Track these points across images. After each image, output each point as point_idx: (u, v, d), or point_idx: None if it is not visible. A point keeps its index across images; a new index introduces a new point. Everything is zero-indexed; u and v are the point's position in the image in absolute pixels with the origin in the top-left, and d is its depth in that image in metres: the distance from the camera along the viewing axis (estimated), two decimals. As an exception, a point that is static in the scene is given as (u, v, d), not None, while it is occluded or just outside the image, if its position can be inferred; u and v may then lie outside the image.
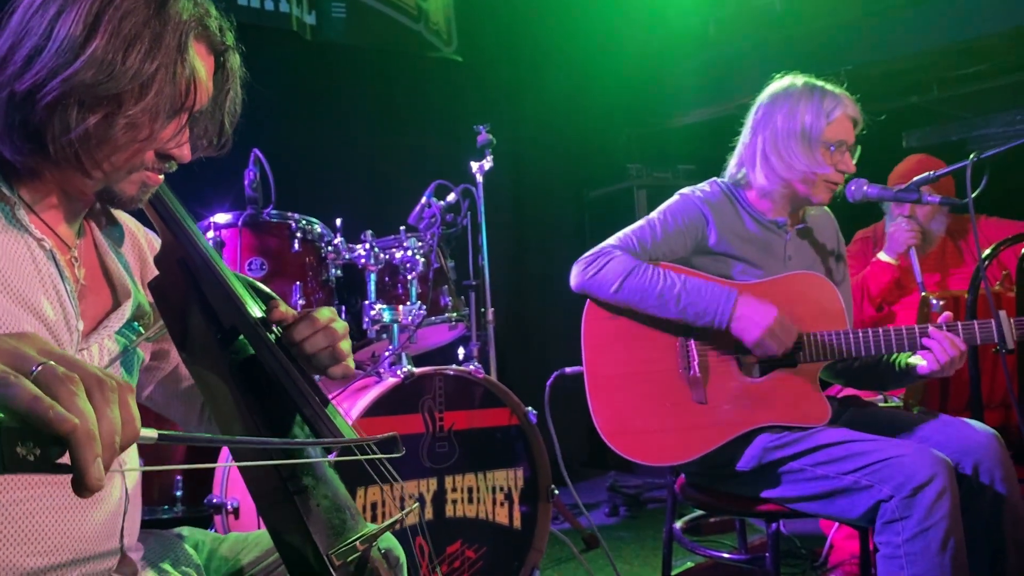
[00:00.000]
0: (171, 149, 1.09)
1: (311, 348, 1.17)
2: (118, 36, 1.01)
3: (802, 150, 2.07)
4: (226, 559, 1.32)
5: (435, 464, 2.35)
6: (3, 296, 1.01)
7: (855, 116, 2.12)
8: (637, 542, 3.34)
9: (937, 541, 1.74)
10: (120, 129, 1.02)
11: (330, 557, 1.07)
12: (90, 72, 0.99)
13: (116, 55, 1.00)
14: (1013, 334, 1.92)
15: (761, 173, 2.12)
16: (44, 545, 1.02)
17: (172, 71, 1.04)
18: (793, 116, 2.08)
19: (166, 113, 1.05)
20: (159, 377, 1.34)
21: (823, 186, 2.09)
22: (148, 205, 1.19)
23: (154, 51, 1.02)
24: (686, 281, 1.99)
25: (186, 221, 1.20)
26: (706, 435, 2.00)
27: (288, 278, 2.48)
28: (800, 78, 2.16)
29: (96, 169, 1.05)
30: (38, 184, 1.08)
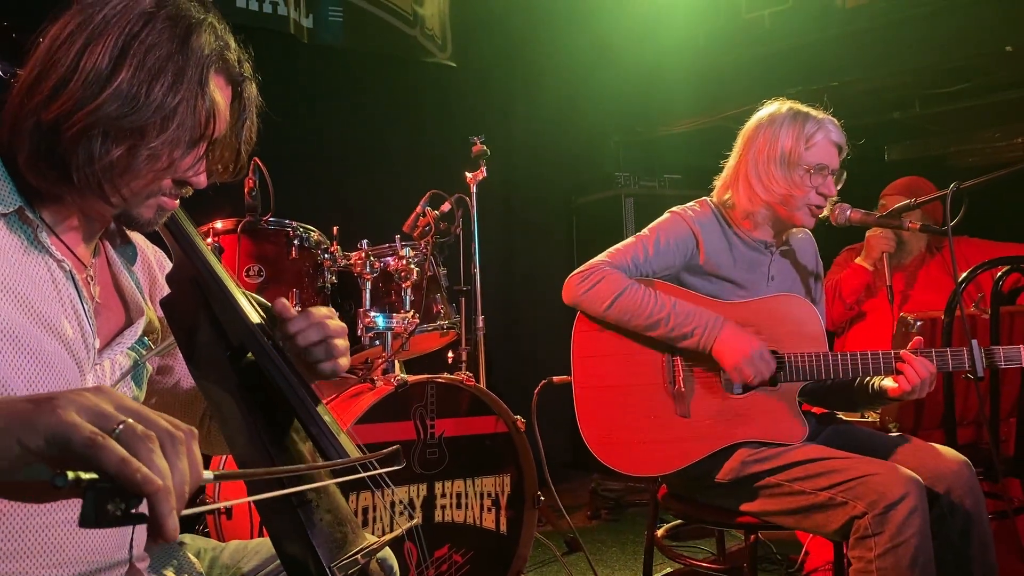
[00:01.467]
0: (189, 177, 1.14)
1: (303, 341, 1.21)
2: (143, 69, 1.04)
3: (781, 173, 2.13)
4: (227, 567, 1.36)
5: (426, 470, 2.41)
6: (25, 317, 1.05)
7: (838, 142, 2.18)
8: (618, 546, 3.41)
9: (907, 557, 1.81)
10: (143, 160, 1.06)
11: (332, 570, 1.11)
12: (115, 105, 1.03)
13: (141, 88, 1.04)
14: (983, 363, 1.99)
15: (744, 195, 2.19)
16: (57, 557, 1.06)
17: (193, 104, 1.07)
18: (775, 141, 2.15)
19: (186, 143, 1.09)
20: (160, 390, 1.38)
21: (805, 209, 2.15)
22: (163, 227, 1.23)
23: (177, 85, 1.06)
24: (676, 304, 2.06)
25: (196, 240, 1.24)
26: (688, 448, 2.07)
27: (285, 284, 2.53)
28: (786, 104, 2.22)
29: (116, 196, 1.09)
30: (59, 207, 1.12)
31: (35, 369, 1.05)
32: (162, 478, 0.66)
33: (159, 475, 0.66)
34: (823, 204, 2.17)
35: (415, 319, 2.54)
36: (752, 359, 2.01)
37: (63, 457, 0.66)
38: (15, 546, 1.03)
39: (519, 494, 2.54)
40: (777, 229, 2.24)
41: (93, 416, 0.68)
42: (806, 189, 2.13)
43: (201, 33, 1.10)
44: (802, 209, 2.15)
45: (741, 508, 2.07)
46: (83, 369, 1.13)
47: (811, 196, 2.14)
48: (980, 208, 3.92)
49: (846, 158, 2.22)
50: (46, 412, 0.68)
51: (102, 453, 0.65)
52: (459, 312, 2.95)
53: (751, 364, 2.01)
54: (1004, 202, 4.13)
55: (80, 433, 0.66)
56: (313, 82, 3.91)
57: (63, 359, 1.09)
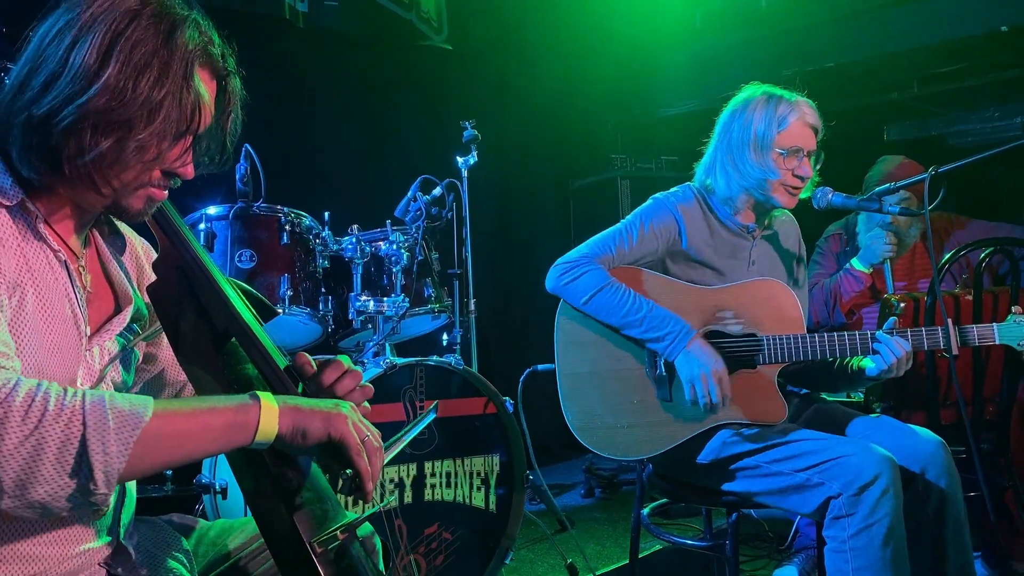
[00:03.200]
0: (176, 167, 1.17)
1: (342, 391, 1.27)
2: (129, 64, 1.08)
3: (754, 157, 2.15)
4: (214, 543, 1.42)
5: (415, 450, 2.46)
6: (36, 302, 1.11)
7: (813, 123, 2.17)
8: (610, 523, 3.48)
9: (880, 536, 1.86)
10: (131, 151, 1.10)
11: (312, 545, 1.16)
12: (103, 99, 1.07)
13: (128, 83, 1.08)
14: (956, 341, 2.03)
15: (723, 181, 2.22)
16: (53, 535, 1.12)
17: (179, 97, 1.11)
18: (747, 125, 2.17)
19: (173, 135, 1.13)
20: (146, 379, 1.43)
21: (781, 190, 2.17)
22: (150, 217, 1.27)
23: (163, 78, 1.10)
24: (652, 308, 2.10)
25: (183, 230, 1.29)
26: (671, 431, 2.12)
27: (277, 270, 2.57)
28: (761, 87, 2.23)
29: (107, 187, 1.13)
30: (53, 199, 1.16)
31: (39, 353, 1.11)
32: (374, 480, 1.14)
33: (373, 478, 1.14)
34: (800, 185, 2.18)
35: (405, 303, 2.58)
36: (707, 376, 2.03)
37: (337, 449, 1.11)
38: (6, 525, 1.09)
39: (508, 474, 2.59)
40: (758, 212, 2.27)
41: (357, 429, 1.13)
42: (781, 172, 2.15)
43: (185, 29, 1.13)
44: (779, 191, 2.17)
45: (723, 489, 2.11)
46: (78, 355, 1.18)
47: (787, 178, 2.15)
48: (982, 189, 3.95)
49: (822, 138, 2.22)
50: (341, 420, 1.12)
51: (359, 463, 1.12)
52: (451, 296, 2.99)
53: (706, 381, 2.04)
54: (1004, 183, 4.16)
55: (353, 442, 1.12)
56: (306, 67, 3.93)
57: (62, 344, 1.14)
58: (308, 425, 1.09)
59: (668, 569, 2.95)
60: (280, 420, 1.07)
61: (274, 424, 1.07)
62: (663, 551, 2.95)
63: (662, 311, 2.10)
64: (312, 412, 1.10)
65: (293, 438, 1.08)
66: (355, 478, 1.12)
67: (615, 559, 2.89)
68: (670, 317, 2.09)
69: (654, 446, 2.12)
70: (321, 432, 1.09)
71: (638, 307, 2.10)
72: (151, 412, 1.01)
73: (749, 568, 3.09)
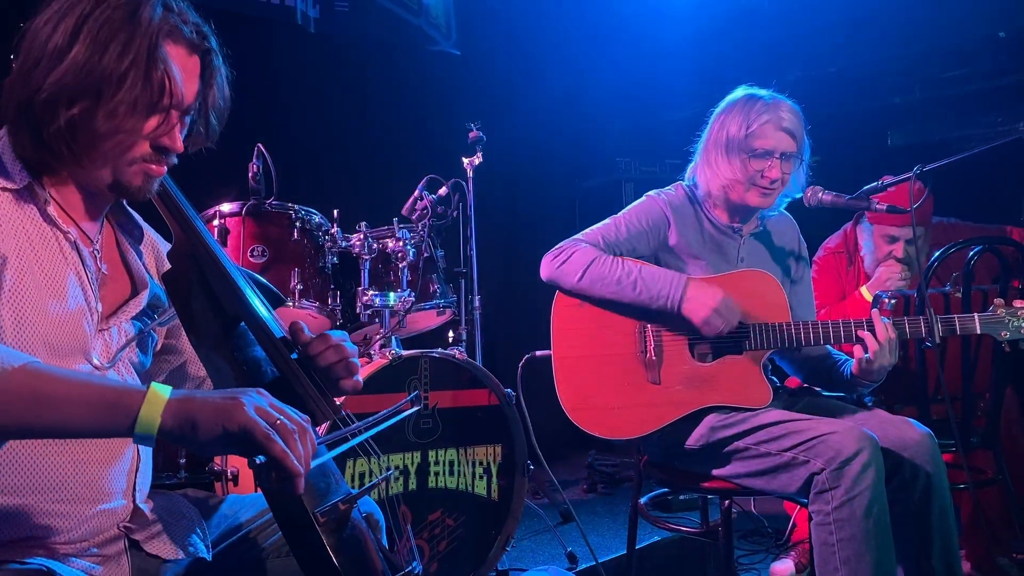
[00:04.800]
0: (163, 140, 1.25)
1: (323, 361, 1.34)
2: (96, 42, 1.18)
3: (725, 159, 2.23)
4: (226, 516, 1.50)
5: (420, 439, 2.54)
6: (38, 283, 1.20)
7: (789, 127, 2.21)
8: (611, 516, 3.55)
9: (862, 508, 1.92)
10: (101, 120, 1.19)
11: (316, 515, 1.23)
12: (72, 74, 1.18)
13: (93, 57, 1.18)
14: (939, 330, 2.10)
15: (703, 179, 2.31)
16: (67, 493, 1.21)
17: (143, 68, 1.19)
18: (723, 127, 2.25)
19: (145, 107, 1.21)
20: (168, 371, 1.52)
21: (753, 190, 2.23)
22: (163, 207, 1.35)
23: (126, 52, 1.19)
24: (642, 269, 2.18)
25: (196, 221, 1.38)
26: (659, 412, 2.19)
27: (287, 264, 2.65)
28: (746, 90, 2.29)
29: (87, 158, 1.22)
30: (60, 182, 1.26)
31: (48, 328, 1.20)
32: (300, 461, 1.04)
33: (299, 459, 1.04)
34: (769, 187, 2.22)
35: (411, 297, 2.67)
36: (719, 310, 2.12)
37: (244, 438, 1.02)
38: (28, 481, 1.18)
39: (510, 463, 2.67)
40: (741, 212, 2.33)
41: (263, 414, 1.04)
42: (750, 173, 2.21)
43: (149, 7, 1.22)
44: (750, 191, 2.23)
45: (713, 473, 2.19)
46: (90, 333, 1.27)
47: (757, 179, 2.21)
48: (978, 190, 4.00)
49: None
50: (239, 409, 1.03)
51: (272, 446, 1.02)
52: (456, 292, 3.08)
53: (719, 315, 2.12)
54: (1000, 186, 4.21)
55: (259, 429, 1.02)
56: (318, 70, 4.02)
57: (73, 321, 1.23)
58: (197, 417, 1.02)
59: (666, 559, 3.01)
60: (165, 410, 1.02)
61: (157, 414, 1.02)
62: (662, 542, 3.02)
63: (651, 269, 2.18)
64: (204, 404, 1.03)
65: (182, 431, 1.03)
66: (274, 464, 1.02)
67: (615, 550, 2.96)
68: (660, 273, 2.17)
69: (643, 427, 2.20)
70: (213, 425, 1.02)
71: (628, 271, 2.17)
72: (19, 364, 1.02)
73: (748, 562, 3.16)
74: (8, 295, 1.17)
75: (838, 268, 3.14)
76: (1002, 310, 2.11)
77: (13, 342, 1.16)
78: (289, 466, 1.02)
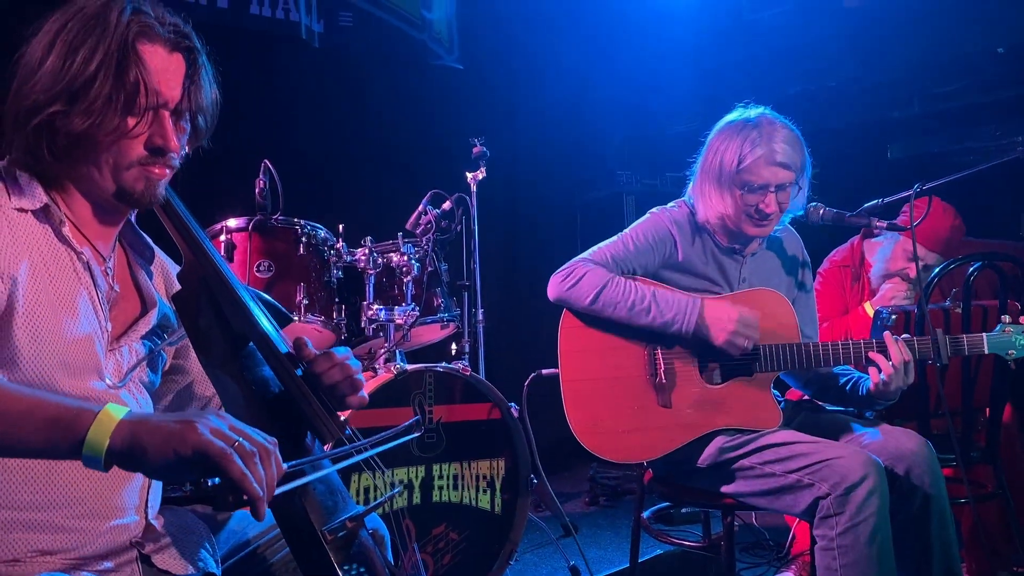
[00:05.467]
0: (155, 140, 1.26)
1: (328, 380, 1.35)
2: (68, 49, 1.22)
3: (716, 191, 2.21)
4: (234, 532, 1.52)
5: (424, 453, 2.57)
6: (53, 302, 1.23)
7: (785, 160, 2.16)
8: (612, 529, 3.56)
9: (866, 535, 1.95)
10: (77, 119, 1.21)
11: (323, 533, 1.26)
12: (46, 80, 1.22)
13: (64, 63, 1.22)
14: (948, 350, 2.12)
15: (700, 205, 2.29)
16: (82, 509, 1.24)
17: (115, 68, 1.22)
18: (716, 156, 2.21)
19: (123, 107, 1.22)
20: (176, 390, 1.54)
21: (748, 221, 2.21)
22: (173, 229, 1.38)
23: (94, 54, 1.21)
24: (655, 293, 2.18)
25: (205, 243, 1.40)
26: (669, 436, 2.20)
27: (293, 279, 2.67)
28: (743, 113, 2.25)
29: (70, 158, 1.24)
30: (70, 197, 1.29)
31: (63, 348, 1.23)
32: (260, 485, 0.99)
33: (259, 483, 0.99)
34: (764, 220, 2.20)
35: (415, 312, 2.69)
36: (738, 331, 2.12)
37: (200, 461, 0.97)
38: (45, 497, 1.21)
39: (513, 477, 2.69)
40: (740, 238, 2.31)
41: (219, 435, 0.99)
42: (742, 207, 2.19)
43: (116, 11, 1.24)
44: (745, 223, 2.22)
45: (719, 490, 2.20)
46: (102, 352, 1.29)
47: (751, 212, 2.19)
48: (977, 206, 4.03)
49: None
50: (192, 432, 0.98)
51: (230, 467, 0.97)
52: (459, 306, 3.10)
53: (739, 335, 2.13)
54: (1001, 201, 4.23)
55: (214, 449, 0.97)
56: (322, 86, 4.04)
57: (84, 340, 1.26)
58: (147, 440, 0.99)
59: (669, 572, 3.03)
60: (115, 432, 0.99)
61: (105, 436, 0.99)
62: (664, 556, 3.03)
63: (665, 294, 2.18)
64: (156, 427, 1.00)
65: (131, 454, 0.99)
66: (231, 487, 0.97)
67: (617, 563, 2.97)
68: (674, 297, 2.17)
69: (654, 450, 2.21)
70: (164, 448, 0.98)
71: (642, 296, 2.17)
72: None
73: (749, 575, 3.17)
74: (24, 316, 1.19)
75: (843, 282, 3.14)
76: (1010, 328, 2.13)
77: (30, 362, 1.19)
78: (247, 488, 0.97)
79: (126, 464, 1.00)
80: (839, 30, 4.41)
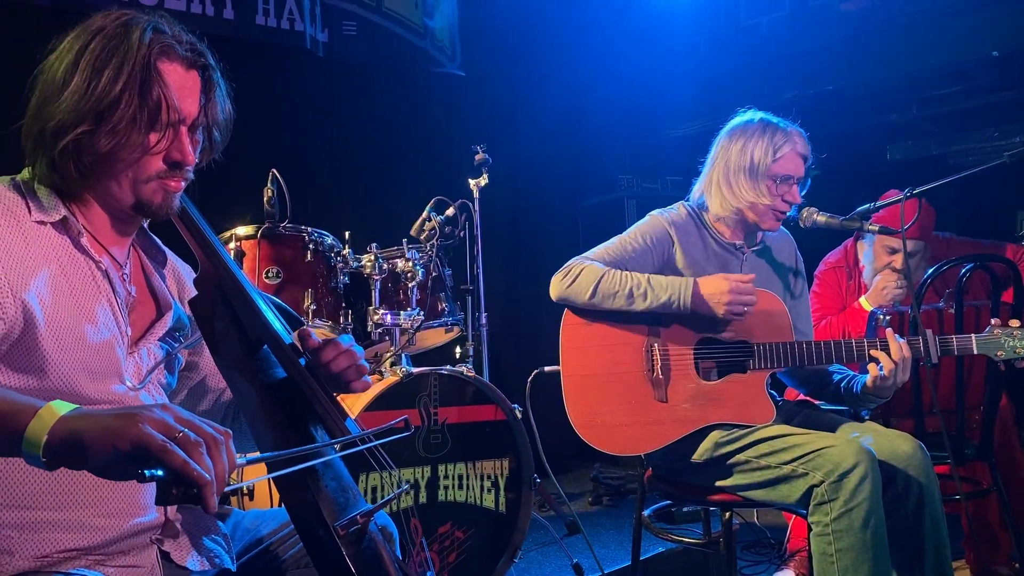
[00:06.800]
0: (174, 155, 1.32)
1: (336, 368, 1.41)
2: (93, 70, 1.26)
3: (749, 183, 2.31)
4: (248, 530, 1.57)
5: (429, 454, 2.63)
6: (73, 311, 1.28)
7: (804, 153, 2.34)
8: (615, 528, 3.62)
9: (860, 519, 2.00)
10: (102, 139, 1.26)
11: (336, 528, 1.30)
12: (72, 100, 1.26)
13: (89, 83, 1.26)
14: (937, 350, 2.17)
15: (716, 200, 2.38)
16: (106, 507, 1.29)
17: (138, 87, 1.27)
18: (744, 151, 2.33)
19: (146, 124, 1.28)
20: (189, 386, 1.60)
21: (770, 214, 2.34)
22: (189, 235, 1.44)
23: (119, 74, 1.26)
24: (650, 278, 2.25)
25: (219, 248, 1.45)
26: (666, 430, 2.26)
27: (301, 285, 2.73)
28: (758, 115, 2.39)
29: (96, 176, 1.29)
30: (88, 209, 1.34)
31: (87, 354, 1.28)
32: (208, 473, 0.95)
33: (206, 470, 0.95)
34: (787, 209, 2.35)
35: (420, 316, 2.75)
36: (733, 298, 2.18)
37: (141, 456, 0.95)
38: (70, 497, 1.26)
39: (517, 477, 2.75)
40: (747, 231, 2.43)
41: (161, 427, 0.96)
42: (772, 197, 2.31)
43: (140, 30, 1.29)
44: (768, 214, 2.33)
45: (716, 485, 2.26)
46: (122, 355, 1.35)
47: (777, 203, 2.32)
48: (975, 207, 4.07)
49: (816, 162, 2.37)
50: (131, 426, 0.95)
51: (169, 457, 0.94)
52: (463, 310, 3.16)
53: (736, 301, 2.18)
54: (994, 201, 4.29)
55: (155, 442, 0.94)
56: (327, 95, 4.11)
57: (105, 346, 1.31)
58: (86, 437, 0.96)
59: (670, 569, 3.08)
60: (53, 429, 0.98)
61: (43, 432, 0.97)
62: (665, 554, 3.08)
63: (659, 278, 2.25)
64: (95, 423, 0.97)
65: (70, 451, 0.97)
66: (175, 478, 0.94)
67: (620, 561, 3.02)
68: (667, 279, 2.24)
69: (650, 444, 2.27)
70: (103, 444, 0.96)
71: (637, 283, 2.24)
72: None
73: (750, 572, 3.22)
74: (48, 326, 1.24)
75: (838, 281, 3.25)
76: (998, 331, 2.18)
77: (56, 369, 1.24)
78: (189, 473, 0.93)
79: (68, 461, 0.98)
80: (836, 35, 4.47)
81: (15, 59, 2.62)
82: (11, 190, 1.31)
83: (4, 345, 1.22)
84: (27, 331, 1.23)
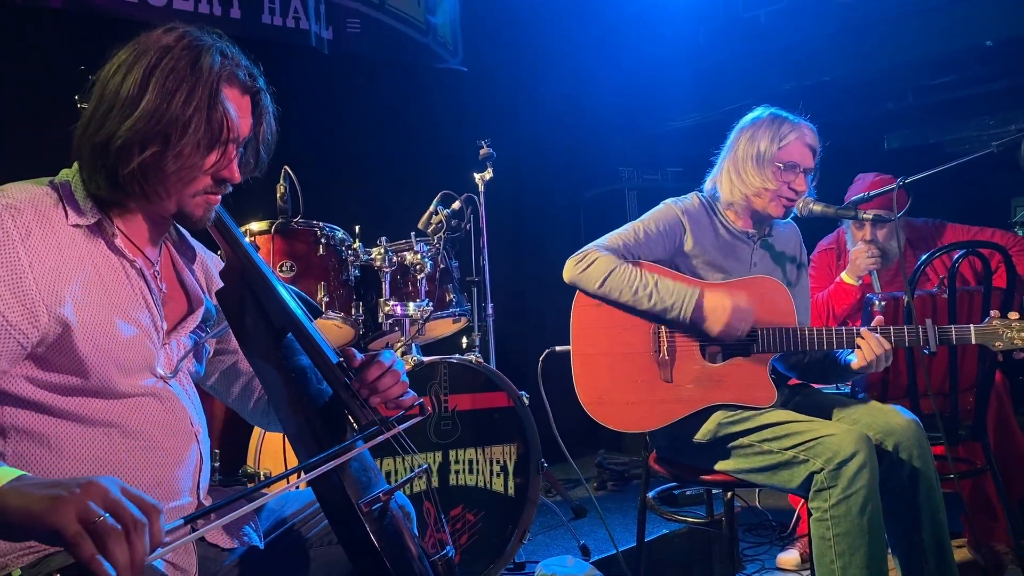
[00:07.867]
0: (223, 174, 1.39)
1: (382, 387, 1.48)
2: (164, 91, 1.31)
3: (755, 169, 2.40)
4: (273, 510, 1.65)
5: (441, 440, 2.72)
6: (109, 309, 1.35)
7: (811, 144, 2.43)
8: (620, 512, 3.70)
9: (857, 506, 2.09)
10: (170, 161, 1.32)
11: (359, 506, 1.39)
12: (143, 120, 1.30)
13: (162, 105, 1.31)
14: (936, 339, 2.25)
15: (727, 188, 2.47)
16: (144, 489, 1.37)
17: (206, 112, 1.33)
18: (753, 141, 2.42)
19: (206, 146, 1.35)
20: (220, 369, 1.68)
21: (776, 201, 2.42)
22: (217, 232, 1.51)
23: (191, 98, 1.32)
24: (658, 281, 2.33)
25: (243, 240, 1.53)
26: (670, 408, 2.35)
27: (313, 278, 2.81)
28: (769, 109, 2.49)
29: (156, 195, 1.36)
30: (127, 214, 1.40)
31: (119, 351, 1.35)
32: (116, 567, 0.92)
33: (115, 565, 0.92)
34: (794, 197, 2.43)
35: (429, 307, 2.83)
36: (732, 322, 2.27)
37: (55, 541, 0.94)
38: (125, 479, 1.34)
39: (525, 462, 2.83)
40: (756, 220, 2.50)
41: (82, 513, 0.94)
42: (778, 183, 2.39)
43: (209, 56, 1.35)
44: (774, 201, 2.42)
45: (717, 467, 2.34)
46: (156, 349, 1.43)
47: (783, 190, 2.40)
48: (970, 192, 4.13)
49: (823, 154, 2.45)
50: (52, 511, 0.94)
51: (79, 552, 0.92)
52: (470, 300, 3.24)
53: (734, 327, 2.27)
54: (988, 188, 4.36)
55: (68, 532, 0.92)
56: (333, 92, 4.16)
57: (140, 341, 1.38)
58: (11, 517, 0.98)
59: (674, 550, 3.16)
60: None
61: None
62: (669, 535, 3.17)
63: (666, 282, 2.33)
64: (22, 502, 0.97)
65: None
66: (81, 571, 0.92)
67: (625, 542, 3.10)
68: (674, 287, 2.32)
69: (655, 422, 2.35)
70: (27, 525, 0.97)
71: (645, 283, 2.32)
72: None
73: (752, 553, 3.31)
74: (83, 329, 1.30)
75: (829, 263, 3.44)
76: (996, 322, 2.25)
77: (95, 369, 1.31)
78: (95, 570, 0.91)
79: None
80: (833, 25, 4.52)
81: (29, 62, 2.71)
82: (49, 195, 1.35)
83: (41, 347, 1.28)
84: (63, 335, 1.28)
